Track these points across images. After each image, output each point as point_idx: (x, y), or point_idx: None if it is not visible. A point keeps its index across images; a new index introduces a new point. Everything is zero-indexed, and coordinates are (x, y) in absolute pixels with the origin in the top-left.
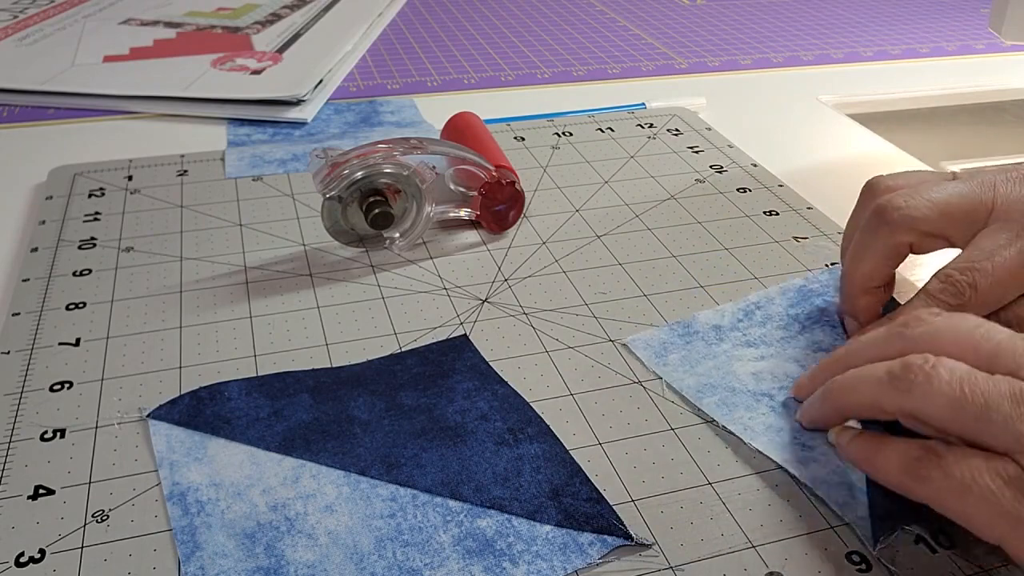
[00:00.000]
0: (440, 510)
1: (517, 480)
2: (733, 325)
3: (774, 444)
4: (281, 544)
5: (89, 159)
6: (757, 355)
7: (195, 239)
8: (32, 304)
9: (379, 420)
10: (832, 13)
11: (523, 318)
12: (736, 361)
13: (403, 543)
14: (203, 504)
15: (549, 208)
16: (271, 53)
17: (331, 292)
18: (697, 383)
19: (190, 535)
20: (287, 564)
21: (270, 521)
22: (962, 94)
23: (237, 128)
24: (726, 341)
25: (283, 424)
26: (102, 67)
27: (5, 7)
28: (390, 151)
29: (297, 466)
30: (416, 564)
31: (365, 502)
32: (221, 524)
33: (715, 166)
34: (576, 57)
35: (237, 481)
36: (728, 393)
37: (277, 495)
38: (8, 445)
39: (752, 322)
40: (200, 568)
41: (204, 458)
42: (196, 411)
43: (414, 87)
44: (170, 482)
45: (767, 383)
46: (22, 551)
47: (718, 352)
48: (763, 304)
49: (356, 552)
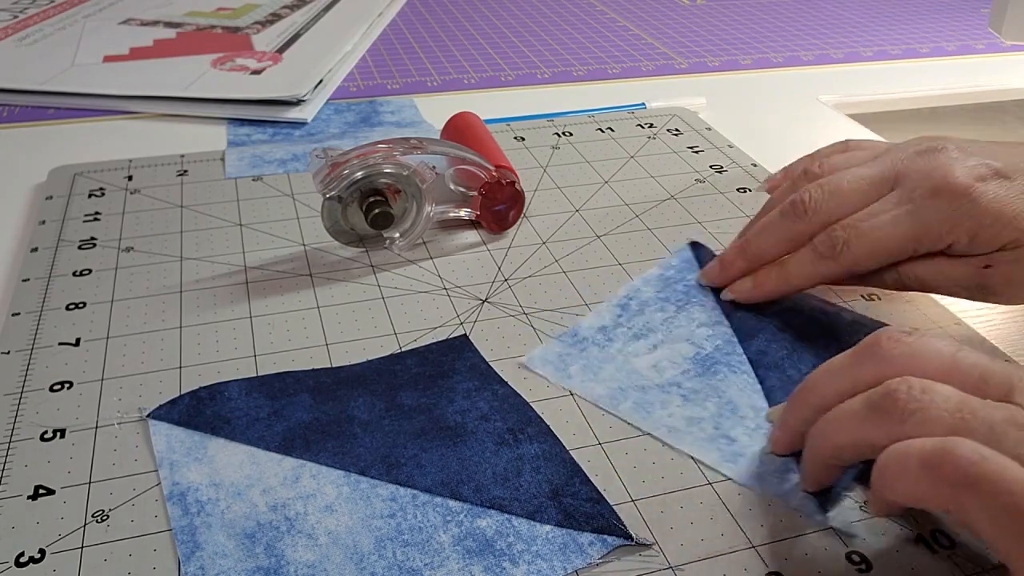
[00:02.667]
0: (440, 510)
1: (517, 480)
2: (615, 322)
3: (699, 441)
4: (281, 544)
5: (89, 159)
6: (649, 345)
7: (195, 239)
8: (32, 304)
9: (379, 420)
10: (832, 13)
11: (523, 318)
12: (632, 357)
13: (403, 543)
14: (203, 504)
15: (549, 208)
16: (271, 53)
17: (331, 292)
18: (607, 391)
19: (190, 535)
20: (287, 564)
21: (270, 521)
22: (962, 94)
23: (237, 128)
24: (616, 340)
25: (283, 424)
26: (102, 67)
27: (5, 7)
28: (390, 151)
29: (297, 466)
30: (416, 564)
31: (365, 502)
32: (221, 524)
33: (715, 166)
34: (576, 57)
35: (237, 481)
36: (639, 393)
37: (277, 495)
38: (8, 445)
39: (630, 314)
40: (200, 568)
41: (204, 458)
42: (196, 411)
43: (414, 87)
44: (170, 482)
45: (669, 371)
46: (22, 551)
47: (613, 353)
48: (633, 295)
49: (356, 552)
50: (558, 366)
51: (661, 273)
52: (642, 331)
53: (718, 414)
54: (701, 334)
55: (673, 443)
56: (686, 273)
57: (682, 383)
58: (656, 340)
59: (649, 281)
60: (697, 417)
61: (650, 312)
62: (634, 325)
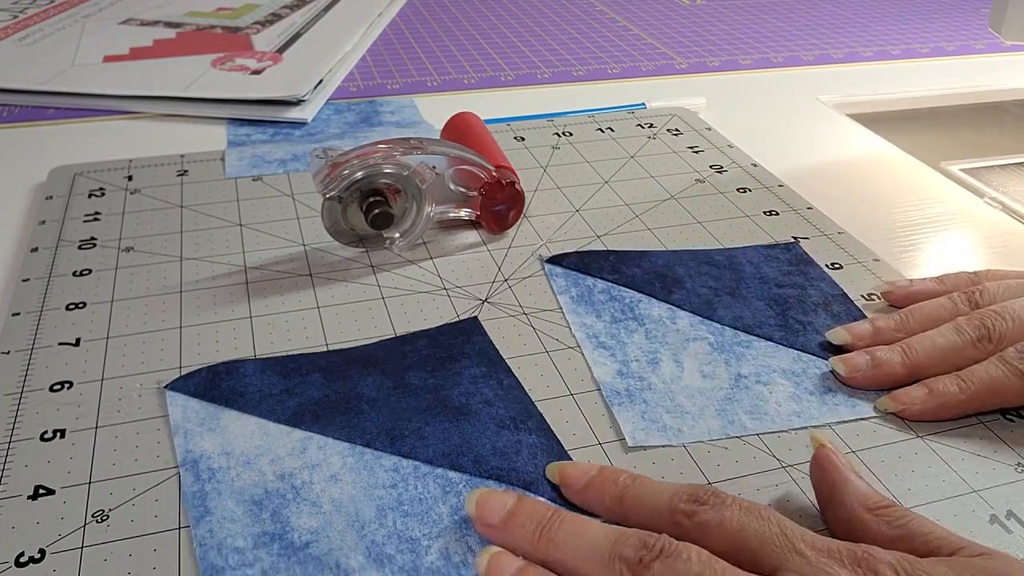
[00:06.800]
0: (440, 481)
1: (516, 457)
2: (619, 361)
3: (834, 406)
4: (287, 511)
5: (89, 159)
6: (672, 362)
7: (195, 239)
8: (32, 304)
9: (386, 397)
10: (832, 13)
11: (523, 318)
12: (673, 384)
13: (403, 513)
14: (214, 471)
15: (549, 208)
16: (271, 53)
17: (331, 292)
18: (714, 421)
19: (201, 500)
20: (291, 530)
21: (277, 489)
22: (962, 94)
23: (237, 128)
24: (643, 375)
25: (294, 400)
26: (102, 67)
27: (5, 7)
28: (390, 151)
29: (305, 438)
30: (415, 533)
31: (368, 472)
32: (231, 491)
33: (715, 166)
34: (576, 57)
35: (247, 451)
36: (728, 404)
37: (285, 465)
38: (8, 445)
39: (614, 349)
40: (209, 531)
41: (217, 428)
42: (212, 384)
43: (414, 87)
44: (184, 450)
45: (715, 371)
46: (22, 551)
47: (659, 386)
48: (589, 330)
49: (358, 520)
50: (654, 425)
51: (568, 298)
52: (648, 355)
53: (800, 375)
54: (687, 327)
55: (833, 420)
56: (575, 283)
57: (741, 373)
58: (667, 355)
59: (576, 311)
60: (802, 392)
61: (626, 336)
62: (631, 356)
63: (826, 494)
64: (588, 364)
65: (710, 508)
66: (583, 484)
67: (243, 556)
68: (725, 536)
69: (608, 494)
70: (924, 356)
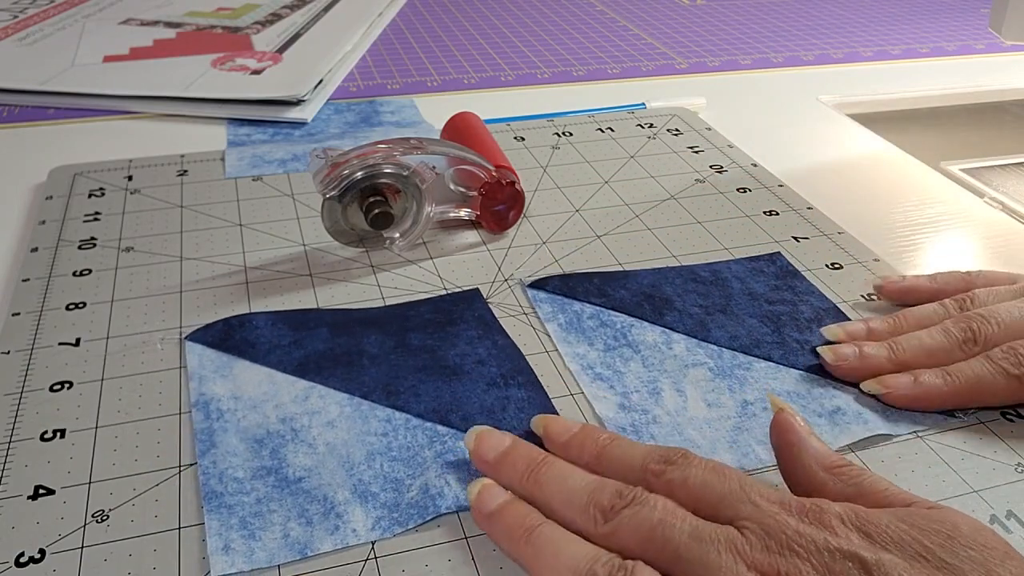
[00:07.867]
0: (428, 433)
1: (502, 414)
2: (619, 393)
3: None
4: (284, 450)
5: (89, 159)
6: (674, 392)
7: (195, 239)
8: (32, 304)
9: (387, 355)
10: (832, 13)
11: (523, 318)
12: (679, 417)
13: (391, 458)
14: (223, 412)
15: (549, 208)
16: (271, 53)
17: (331, 292)
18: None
19: (208, 436)
20: (287, 466)
21: (278, 431)
22: (962, 94)
23: (237, 128)
24: (647, 408)
25: (301, 351)
26: (102, 67)
27: (5, 7)
28: (390, 151)
29: (308, 387)
30: (399, 475)
31: (363, 421)
32: (236, 430)
33: (715, 166)
34: (576, 57)
35: (254, 396)
36: (736, 433)
37: (287, 410)
38: (8, 445)
39: (611, 380)
40: (212, 462)
41: (229, 375)
42: (227, 335)
43: (414, 87)
44: (197, 392)
45: (719, 399)
46: (22, 551)
47: (664, 418)
48: (582, 361)
49: (348, 461)
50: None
51: (556, 326)
52: (647, 385)
53: (806, 396)
54: (683, 351)
55: (848, 441)
56: (561, 308)
57: (747, 400)
58: (668, 383)
59: (567, 340)
60: (811, 415)
61: (622, 366)
62: (631, 387)
63: (785, 456)
64: (588, 400)
65: (677, 468)
66: (565, 440)
67: (241, 485)
68: (689, 492)
69: (587, 451)
70: (911, 354)
